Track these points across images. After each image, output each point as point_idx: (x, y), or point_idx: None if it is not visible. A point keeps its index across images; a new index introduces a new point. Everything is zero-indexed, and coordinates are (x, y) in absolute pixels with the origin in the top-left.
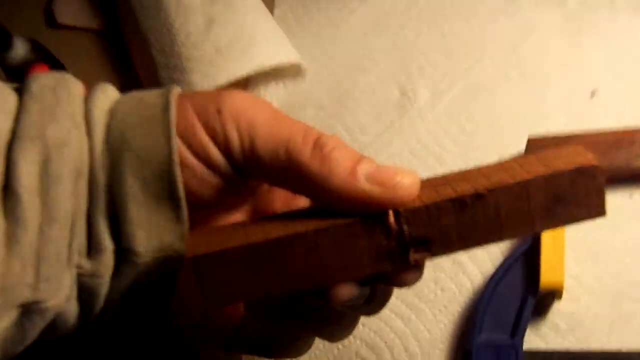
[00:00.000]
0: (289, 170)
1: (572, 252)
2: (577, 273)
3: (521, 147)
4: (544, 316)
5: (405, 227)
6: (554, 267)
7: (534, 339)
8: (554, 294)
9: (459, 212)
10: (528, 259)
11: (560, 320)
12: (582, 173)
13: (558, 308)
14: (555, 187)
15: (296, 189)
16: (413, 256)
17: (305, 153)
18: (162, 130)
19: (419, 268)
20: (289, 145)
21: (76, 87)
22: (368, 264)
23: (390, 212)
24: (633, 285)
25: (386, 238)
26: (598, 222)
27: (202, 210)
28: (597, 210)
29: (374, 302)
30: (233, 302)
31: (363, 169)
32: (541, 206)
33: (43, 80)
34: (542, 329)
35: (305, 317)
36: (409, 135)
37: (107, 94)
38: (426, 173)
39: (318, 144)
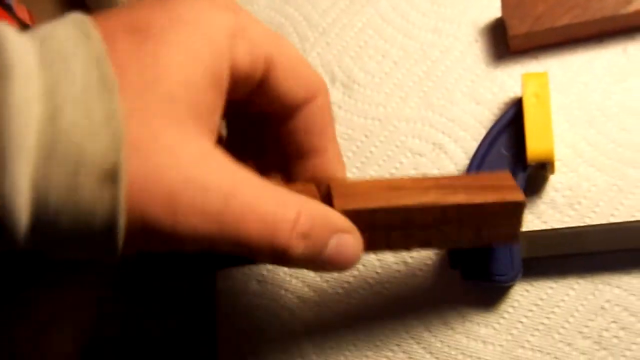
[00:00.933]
0: None
1: (565, 119)
2: (572, 141)
3: (495, 12)
4: (540, 193)
5: None
6: (541, 136)
7: (530, 219)
8: (546, 166)
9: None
10: (513, 129)
11: (558, 194)
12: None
13: (555, 182)
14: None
15: None
16: None
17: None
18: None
19: None
20: None
21: None
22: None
23: None
24: (637, 149)
25: None
26: (592, 82)
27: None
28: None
29: None
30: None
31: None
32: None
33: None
34: (539, 207)
35: None
36: (370, 13)
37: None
38: (395, 52)
39: None
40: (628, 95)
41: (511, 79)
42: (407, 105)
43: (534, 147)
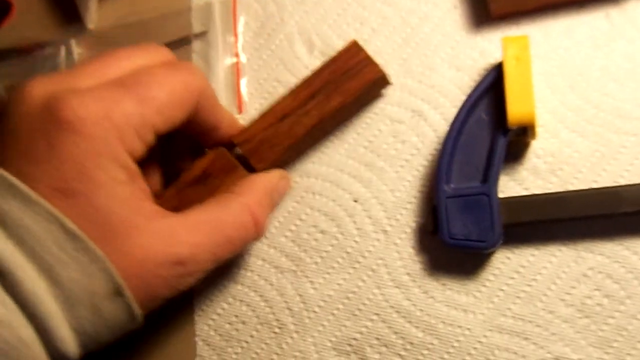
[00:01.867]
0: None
1: (546, 85)
2: (553, 106)
3: None
4: (521, 159)
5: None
6: (522, 99)
7: (512, 186)
8: (527, 131)
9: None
10: (494, 94)
11: (539, 160)
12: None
13: (536, 148)
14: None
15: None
16: None
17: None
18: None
19: None
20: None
21: None
22: None
23: None
24: (619, 114)
25: None
26: (573, 48)
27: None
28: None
29: None
30: None
31: None
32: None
33: None
34: (521, 173)
35: None
36: None
37: None
38: (374, 19)
39: None
40: (610, 60)
41: (492, 45)
42: (386, 72)
43: (514, 110)
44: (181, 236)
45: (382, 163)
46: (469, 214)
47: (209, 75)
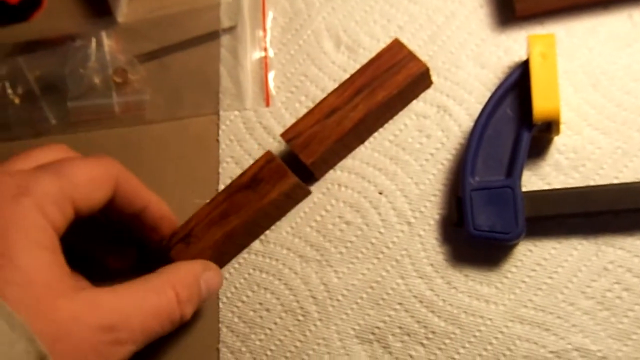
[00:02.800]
0: None
1: (570, 83)
2: (577, 104)
3: None
4: (544, 155)
5: None
6: (548, 95)
7: (534, 181)
8: (551, 127)
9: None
10: (519, 90)
11: (562, 156)
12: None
13: (559, 144)
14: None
15: None
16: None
17: None
18: None
19: None
20: None
21: None
22: None
23: None
24: None
25: None
26: (597, 48)
27: None
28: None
29: None
30: None
31: None
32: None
33: None
34: (544, 169)
35: None
36: None
37: None
38: (401, 17)
39: None
40: (632, 59)
41: (516, 44)
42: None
43: (540, 106)
44: (109, 303)
45: (407, 156)
46: (493, 206)
47: (236, 69)
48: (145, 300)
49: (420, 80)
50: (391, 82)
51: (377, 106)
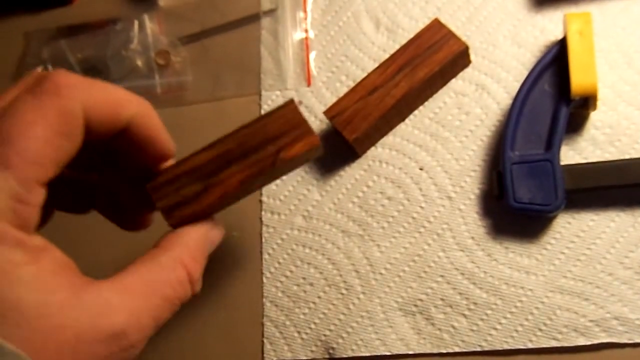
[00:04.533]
0: None
1: (605, 61)
2: (612, 81)
3: None
4: (580, 131)
5: None
6: (585, 71)
7: (571, 155)
8: (589, 103)
9: None
10: (557, 67)
11: (598, 132)
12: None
13: (595, 120)
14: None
15: None
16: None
17: None
18: None
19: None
20: None
21: None
22: None
23: None
24: None
25: None
26: (630, 26)
27: None
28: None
29: None
30: None
31: None
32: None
33: None
34: (580, 144)
35: None
36: None
37: None
38: None
39: None
40: None
41: (552, 24)
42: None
43: (578, 81)
44: (115, 304)
45: (447, 133)
46: (533, 179)
47: (277, 50)
48: (157, 291)
49: (460, 59)
50: (432, 60)
51: (419, 83)
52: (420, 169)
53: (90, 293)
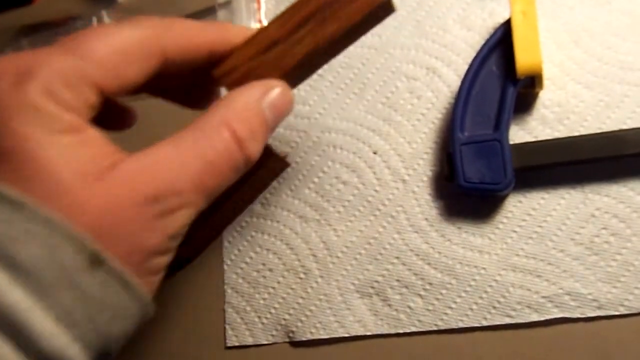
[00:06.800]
0: None
1: (551, 39)
2: (560, 60)
3: None
4: (530, 110)
5: None
6: (530, 50)
7: (522, 135)
8: (535, 82)
9: None
10: (503, 48)
11: (547, 110)
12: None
13: (544, 99)
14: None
15: None
16: None
17: None
18: None
19: None
20: None
21: None
22: None
23: None
24: (621, 66)
25: None
26: (577, 6)
27: None
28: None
29: None
30: None
31: None
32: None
33: None
34: (530, 123)
35: None
36: None
37: None
38: None
39: None
40: (612, 16)
41: (500, 6)
42: (401, 34)
43: (523, 61)
44: (151, 172)
45: (399, 117)
46: (483, 159)
47: None
48: (194, 153)
49: (382, 10)
50: (346, 12)
51: (326, 41)
52: (374, 153)
53: (124, 163)
